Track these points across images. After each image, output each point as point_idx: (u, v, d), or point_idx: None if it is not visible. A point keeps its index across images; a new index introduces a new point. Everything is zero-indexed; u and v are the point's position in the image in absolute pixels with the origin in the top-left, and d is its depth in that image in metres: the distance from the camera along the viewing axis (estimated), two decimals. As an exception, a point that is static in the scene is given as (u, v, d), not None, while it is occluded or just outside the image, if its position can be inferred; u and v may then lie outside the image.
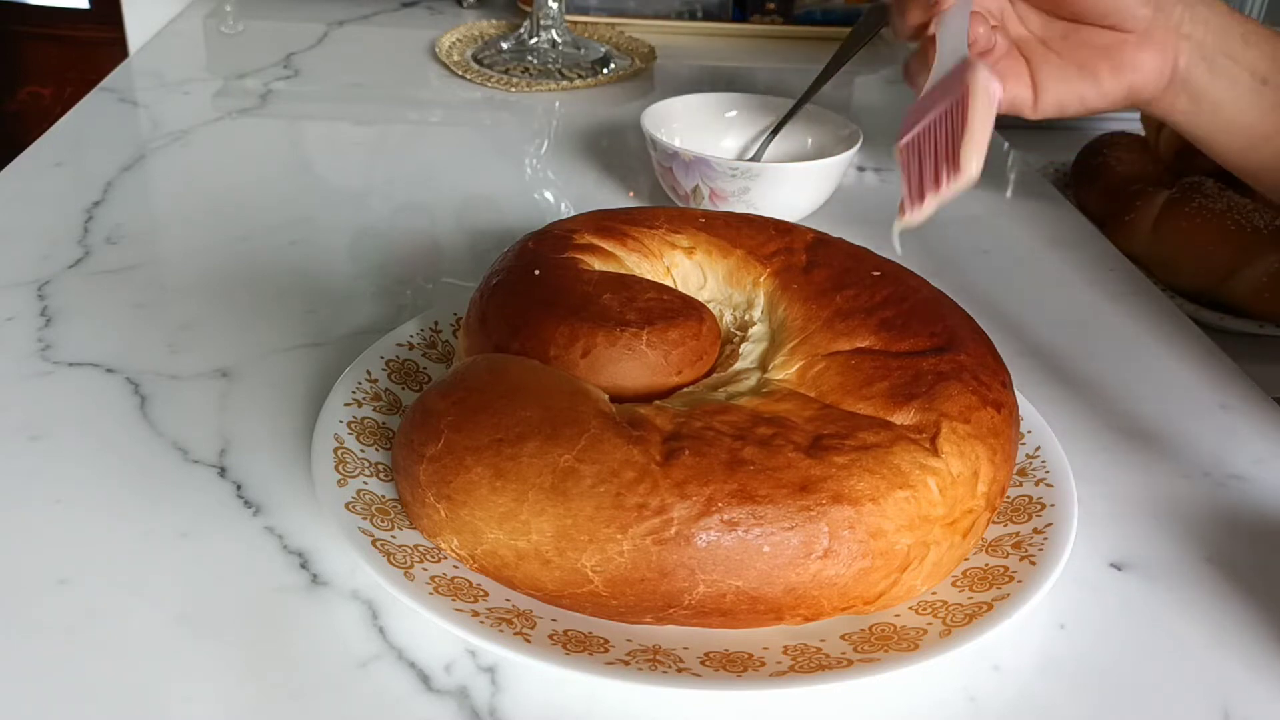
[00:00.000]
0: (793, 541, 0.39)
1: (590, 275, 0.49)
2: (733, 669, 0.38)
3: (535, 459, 0.39)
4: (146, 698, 0.39)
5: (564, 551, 0.39)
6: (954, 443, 0.42)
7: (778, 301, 0.50)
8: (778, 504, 0.39)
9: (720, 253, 0.53)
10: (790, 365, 0.46)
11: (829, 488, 0.39)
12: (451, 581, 0.40)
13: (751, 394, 0.45)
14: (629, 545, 0.38)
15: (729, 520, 0.38)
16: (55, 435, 0.52)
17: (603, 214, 0.55)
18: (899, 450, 0.41)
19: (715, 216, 0.55)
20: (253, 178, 0.80)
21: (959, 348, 0.46)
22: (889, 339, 0.46)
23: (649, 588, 0.39)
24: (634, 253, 0.52)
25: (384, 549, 0.41)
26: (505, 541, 0.40)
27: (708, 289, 0.53)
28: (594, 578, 0.39)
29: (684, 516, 0.38)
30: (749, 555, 0.39)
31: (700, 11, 1.17)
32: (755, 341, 0.49)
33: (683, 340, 0.46)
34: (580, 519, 0.39)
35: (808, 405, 0.43)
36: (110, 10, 1.29)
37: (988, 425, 0.44)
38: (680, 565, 0.38)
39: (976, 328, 0.49)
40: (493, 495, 0.40)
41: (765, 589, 0.39)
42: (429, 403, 0.43)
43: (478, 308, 0.49)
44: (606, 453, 0.39)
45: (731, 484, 0.39)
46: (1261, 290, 0.79)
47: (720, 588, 0.39)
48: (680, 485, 0.39)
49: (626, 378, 0.45)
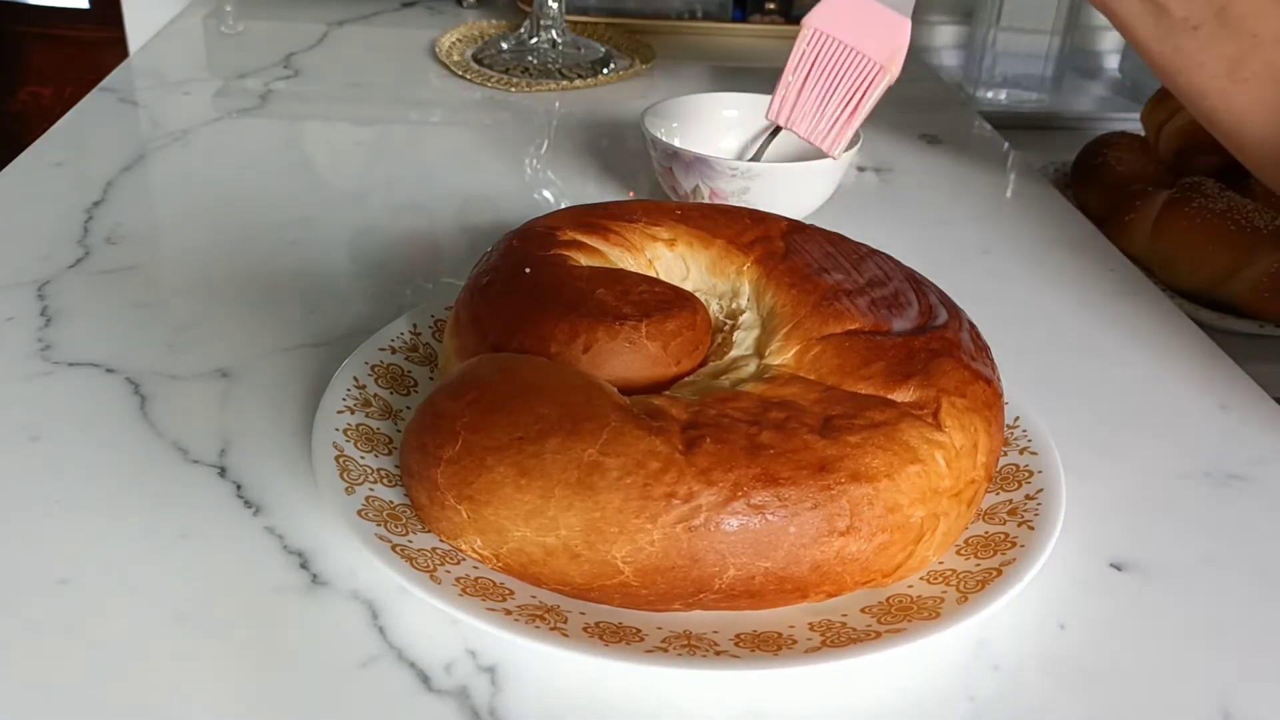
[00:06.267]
0: (816, 520, 0.40)
1: (582, 271, 0.50)
2: (767, 648, 0.39)
3: (559, 455, 0.40)
4: (146, 698, 0.39)
5: (594, 545, 0.39)
6: (954, 416, 0.44)
7: (764, 289, 0.51)
8: (800, 485, 0.40)
9: (701, 243, 0.53)
10: (787, 350, 0.47)
11: (846, 466, 0.41)
12: (476, 582, 0.41)
13: (755, 380, 0.46)
14: (660, 534, 0.39)
15: (755, 504, 0.39)
16: (55, 435, 0.52)
17: (582, 210, 0.55)
18: (906, 426, 0.42)
19: (691, 208, 0.55)
20: (253, 178, 0.80)
21: (945, 324, 0.48)
22: (878, 320, 0.47)
23: (680, 574, 0.39)
24: (617, 247, 0.53)
25: (404, 554, 0.41)
26: (533, 539, 0.40)
27: (691, 280, 0.53)
28: (624, 568, 0.39)
29: (712, 503, 0.39)
30: (776, 536, 0.40)
31: (700, 11, 1.17)
32: (747, 329, 0.50)
33: (680, 331, 0.47)
34: (609, 511, 0.39)
35: (811, 388, 0.44)
36: (110, 10, 1.29)
37: (981, 398, 0.45)
38: (710, 550, 0.39)
39: (954, 304, 0.51)
40: (518, 494, 0.40)
41: (793, 568, 0.40)
42: (439, 405, 0.43)
43: (469, 308, 0.49)
44: (630, 444, 0.40)
45: (754, 468, 0.40)
46: (1261, 290, 0.79)
47: (750, 570, 0.40)
48: (706, 472, 0.39)
49: (629, 370, 0.46)
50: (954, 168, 0.88)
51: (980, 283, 0.69)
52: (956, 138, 0.94)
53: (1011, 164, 0.91)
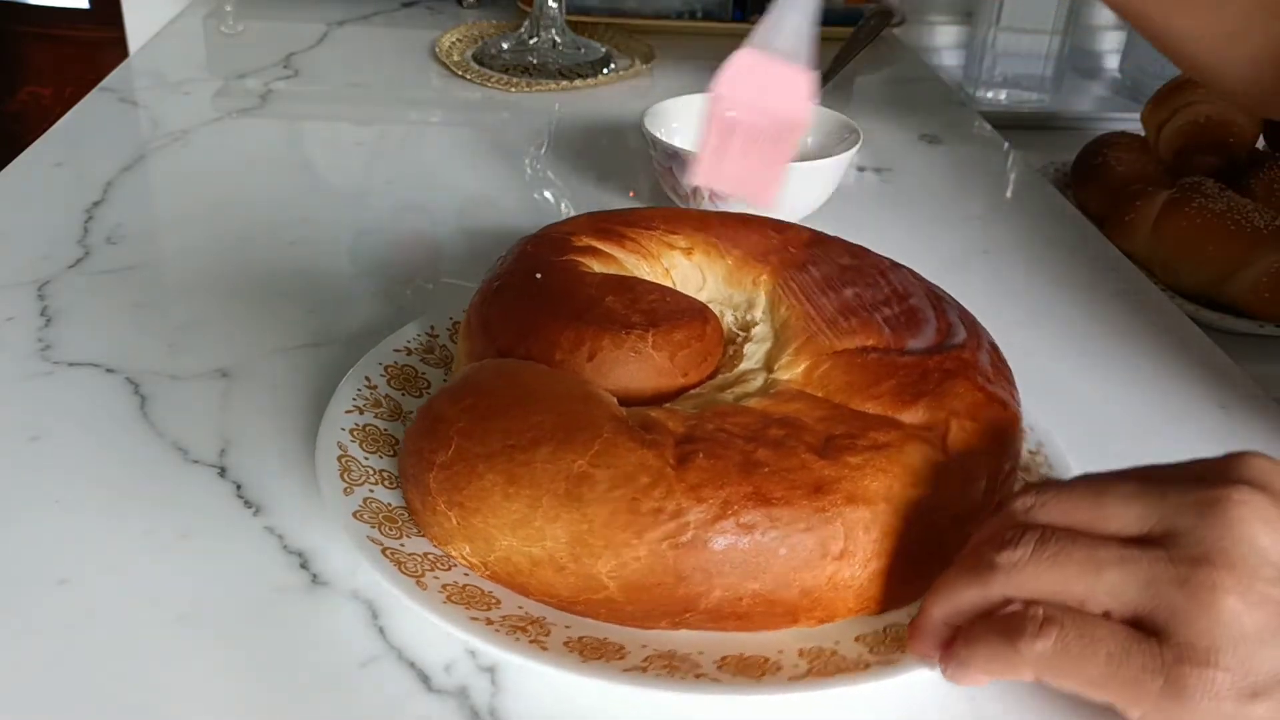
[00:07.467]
0: (808, 543, 0.39)
1: (592, 278, 0.49)
2: (751, 673, 0.38)
3: (549, 464, 0.39)
4: (146, 698, 0.39)
5: (579, 558, 0.39)
6: (964, 440, 0.42)
7: (779, 301, 0.50)
8: (793, 506, 0.39)
9: (718, 253, 0.53)
10: (796, 365, 0.46)
11: (843, 488, 0.39)
12: (464, 590, 0.40)
13: (760, 394, 0.45)
14: (645, 550, 0.38)
15: (745, 523, 0.38)
16: (55, 435, 0.52)
17: (599, 216, 0.54)
18: (911, 449, 0.41)
19: (711, 216, 0.55)
20: (253, 178, 0.80)
21: (962, 344, 0.46)
22: (893, 336, 0.46)
23: (665, 592, 0.39)
24: (633, 254, 0.52)
25: (394, 557, 0.41)
26: (519, 548, 0.39)
27: (707, 289, 0.52)
28: (609, 583, 0.39)
29: (700, 520, 0.38)
30: (765, 558, 0.38)
31: (700, 11, 1.17)
32: (759, 341, 0.49)
33: (688, 342, 0.46)
34: (596, 524, 0.38)
35: (817, 405, 0.43)
36: (110, 10, 1.29)
37: (995, 422, 0.44)
38: (697, 569, 0.38)
39: (976, 323, 0.49)
40: (506, 502, 0.39)
41: (782, 591, 0.39)
42: (438, 409, 0.43)
43: (479, 312, 0.49)
44: (621, 457, 0.39)
45: (747, 486, 0.39)
46: (1261, 290, 0.79)
47: (737, 591, 0.39)
48: (695, 489, 0.38)
49: (633, 380, 0.45)
50: (954, 168, 0.88)
51: (980, 283, 0.69)
52: (956, 138, 0.94)
53: (1011, 164, 0.91)
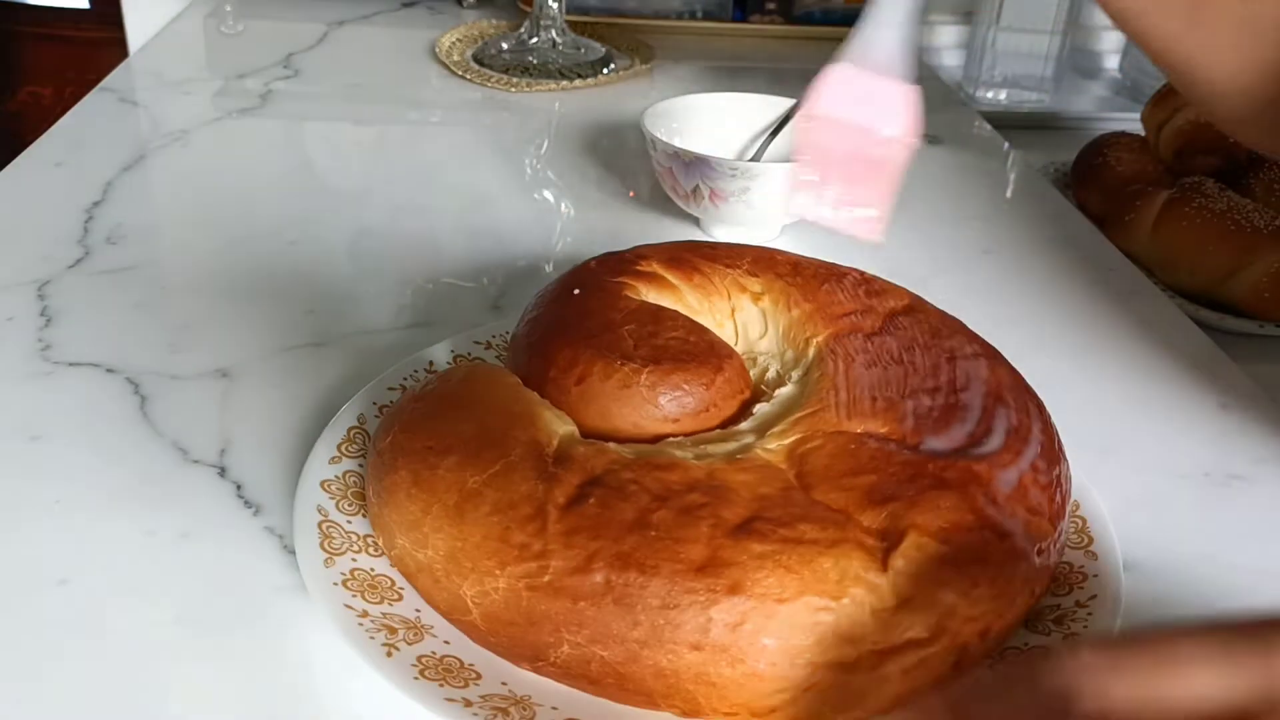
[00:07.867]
0: (669, 624, 0.35)
1: (628, 304, 0.46)
2: None
3: (450, 474, 0.39)
4: (146, 698, 0.39)
5: (450, 574, 0.38)
6: (915, 562, 0.36)
7: (819, 366, 0.45)
8: (663, 579, 0.35)
9: (788, 304, 0.48)
10: (786, 436, 0.41)
11: (730, 575, 0.35)
12: (441, 661, 0.38)
13: (724, 458, 0.40)
14: (504, 584, 0.36)
15: (604, 582, 0.35)
16: (55, 435, 0.52)
17: (686, 245, 0.52)
18: (835, 554, 0.36)
19: (808, 264, 0.50)
20: (253, 178, 0.80)
21: (984, 456, 0.40)
22: (912, 429, 0.41)
23: (519, 633, 0.37)
24: (697, 289, 0.49)
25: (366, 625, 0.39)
26: (409, 550, 0.39)
27: (768, 339, 0.49)
28: (473, 609, 0.37)
29: (561, 568, 0.36)
30: (619, 626, 0.35)
31: (700, 11, 1.17)
32: (775, 404, 0.44)
33: (687, 387, 0.43)
34: (468, 545, 0.37)
35: (770, 481, 0.38)
36: (110, 10, 1.29)
37: (972, 550, 0.37)
38: (547, 618, 0.36)
39: (1029, 441, 0.42)
40: (407, 501, 0.39)
41: (632, 667, 0.35)
42: (404, 398, 0.44)
43: (522, 320, 0.48)
44: (513, 483, 0.38)
45: (621, 545, 0.36)
46: (1261, 290, 0.79)
47: (585, 653, 0.36)
48: (568, 534, 0.36)
49: (614, 415, 0.42)
50: (954, 167, 0.88)
51: (980, 283, 0.69)
52: (956, 138, 0.94)
53: (1011, 164, 0.91)
